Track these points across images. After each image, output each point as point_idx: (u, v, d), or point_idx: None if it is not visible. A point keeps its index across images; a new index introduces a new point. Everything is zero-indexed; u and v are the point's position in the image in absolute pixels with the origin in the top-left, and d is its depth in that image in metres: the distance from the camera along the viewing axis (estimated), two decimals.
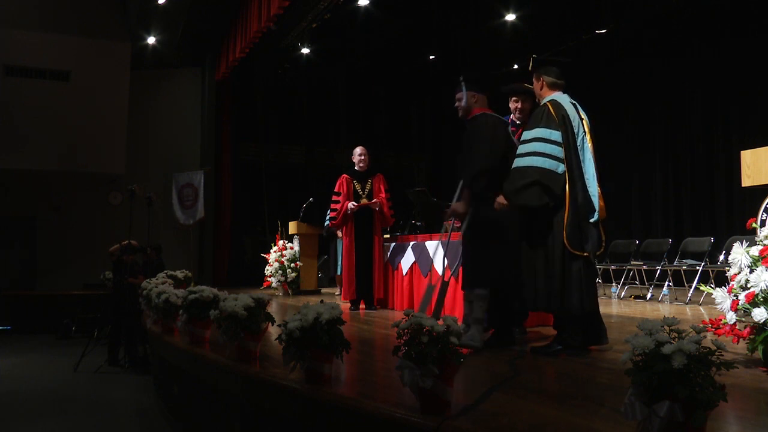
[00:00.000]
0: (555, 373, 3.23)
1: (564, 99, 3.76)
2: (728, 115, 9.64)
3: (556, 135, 3.56)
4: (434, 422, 2.08)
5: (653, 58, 10.58)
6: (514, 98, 4.54)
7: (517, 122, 4.64)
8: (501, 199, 3.75)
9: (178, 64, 12.62)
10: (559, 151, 3.55)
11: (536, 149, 3.56)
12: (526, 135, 3.66)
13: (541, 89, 3.85)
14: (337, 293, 8.81)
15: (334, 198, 6.97)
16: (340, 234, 7.51)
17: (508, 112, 4.71)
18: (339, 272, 7.85)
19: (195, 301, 4.02)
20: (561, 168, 3.54)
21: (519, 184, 3.55)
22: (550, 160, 3.53)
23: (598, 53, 10.98)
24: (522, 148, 3.64)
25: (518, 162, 3.63)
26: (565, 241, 3.52)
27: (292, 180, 13.38)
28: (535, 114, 3.72)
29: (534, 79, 3.89)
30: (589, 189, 3.59)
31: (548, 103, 3.70)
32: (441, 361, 2.13)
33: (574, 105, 3.78)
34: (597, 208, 3.60)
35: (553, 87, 3.82)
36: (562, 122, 3.60)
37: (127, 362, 7.14)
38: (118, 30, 11.49)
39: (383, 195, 6.92)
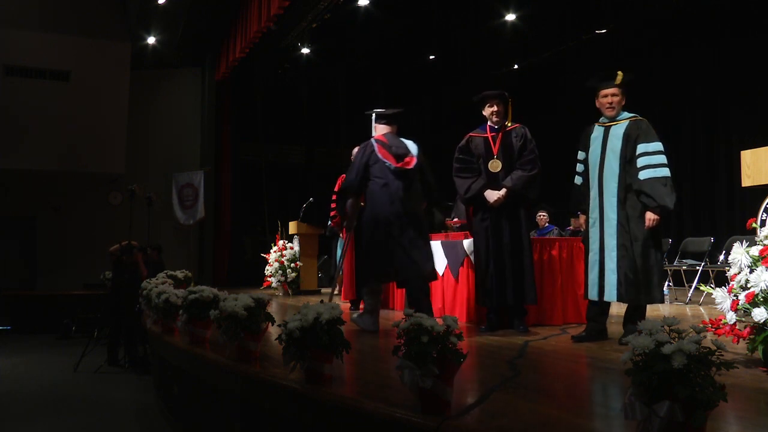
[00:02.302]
0: (555, 373, 3.23)
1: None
2: (728, 115, 9.64)
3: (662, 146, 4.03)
4: (434, 422, 2.07)
5: (653, 58, 10.58)
6: (489, 103, 4.77)
7: (495, 126, 4.72)
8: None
9: (178, 64, 12.63)
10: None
11: (664, 161, 4.00)
12: (650, 147, 4.00)
13: (623, 104, 4.23)
14: (336, 293, 8.79)
15: (335, 198, 6.96)
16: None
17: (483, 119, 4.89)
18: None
19: (195, 301, 4.02)
20: None
21: (669, 190, 3.96)
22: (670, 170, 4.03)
23: (598, 53, 10.98)
24: (652, 159, 3.98)
25: (656, 172, 3.97)
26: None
27: (292, 180, 13.38)
28: (646, 128, 4.06)
29: (621, 93, 4.24)
30: None
31: (643, 119, 4.11)
32: (441, 361, 2.13)
33: None
34: None
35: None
36: None
37: (127, 362, 7.14)
38: (118, 30, 11.49)
39: None
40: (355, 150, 7.11)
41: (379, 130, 4.98)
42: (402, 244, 4.51)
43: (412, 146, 4.85)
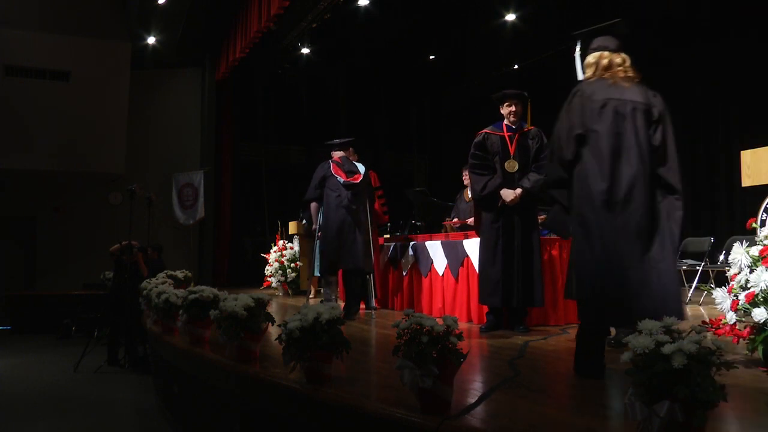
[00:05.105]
0: (555, 373, 3.23)
1: None
2: (728, 115, 9.64)
3: None
4: (434, 422, 2.07)
5: (653, 58, 10.56)
6: (507, 102, 4.78)
7: (513, 126, 4.72)
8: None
9: (178, 64, 12.61)
10: None
11: None
12: None
13: None
14: (311, 296, 8.67)
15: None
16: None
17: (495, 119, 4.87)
18: (317, 273, 7.00)
19: (195, 301, 4.02)
20: None
21: None
22: None
23: None
24: None
25: None
26: None
27: (292, 180, 13.37)
28: None
29: None
30: None
31: None
32: (441, 361, 2.13)
33: None
34: None
35: None
36: None
37: (127, 362, 7.14)
38: (118, 30, 11.48)
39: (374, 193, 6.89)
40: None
41: (335, 154, 6.16)
42: (347, 242, 5.72)
43: (360, 167, 6.04)
